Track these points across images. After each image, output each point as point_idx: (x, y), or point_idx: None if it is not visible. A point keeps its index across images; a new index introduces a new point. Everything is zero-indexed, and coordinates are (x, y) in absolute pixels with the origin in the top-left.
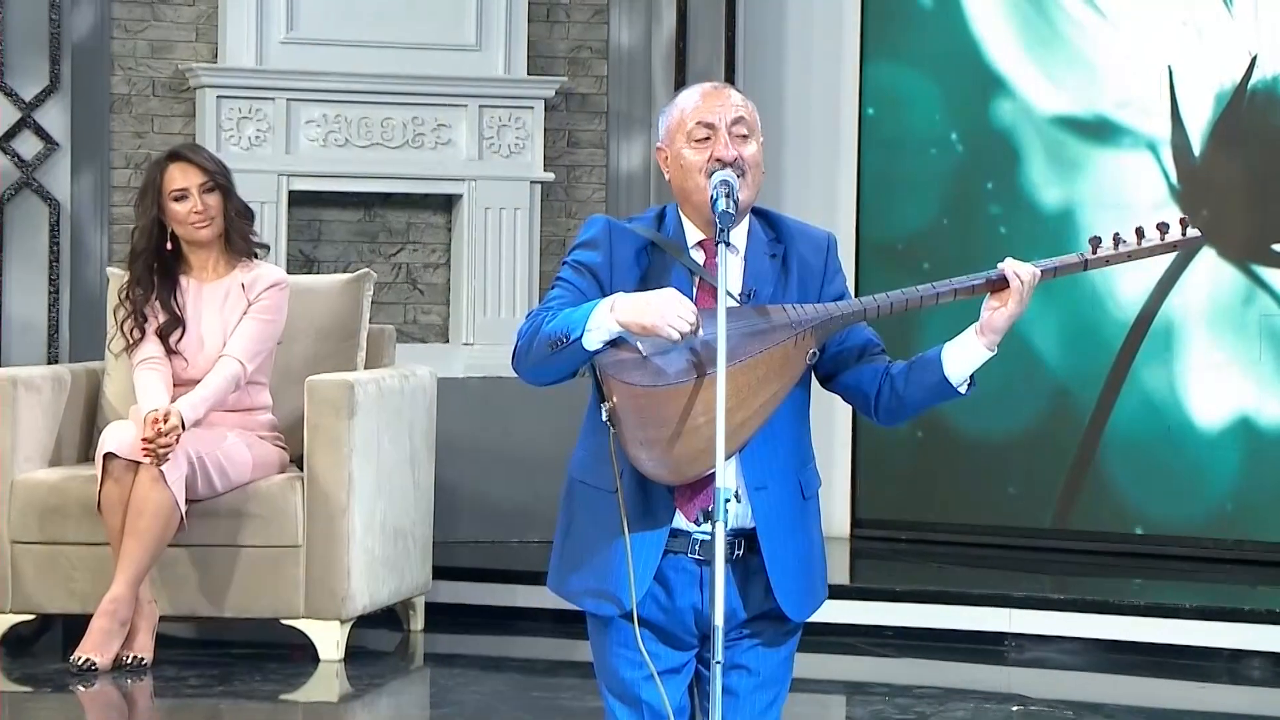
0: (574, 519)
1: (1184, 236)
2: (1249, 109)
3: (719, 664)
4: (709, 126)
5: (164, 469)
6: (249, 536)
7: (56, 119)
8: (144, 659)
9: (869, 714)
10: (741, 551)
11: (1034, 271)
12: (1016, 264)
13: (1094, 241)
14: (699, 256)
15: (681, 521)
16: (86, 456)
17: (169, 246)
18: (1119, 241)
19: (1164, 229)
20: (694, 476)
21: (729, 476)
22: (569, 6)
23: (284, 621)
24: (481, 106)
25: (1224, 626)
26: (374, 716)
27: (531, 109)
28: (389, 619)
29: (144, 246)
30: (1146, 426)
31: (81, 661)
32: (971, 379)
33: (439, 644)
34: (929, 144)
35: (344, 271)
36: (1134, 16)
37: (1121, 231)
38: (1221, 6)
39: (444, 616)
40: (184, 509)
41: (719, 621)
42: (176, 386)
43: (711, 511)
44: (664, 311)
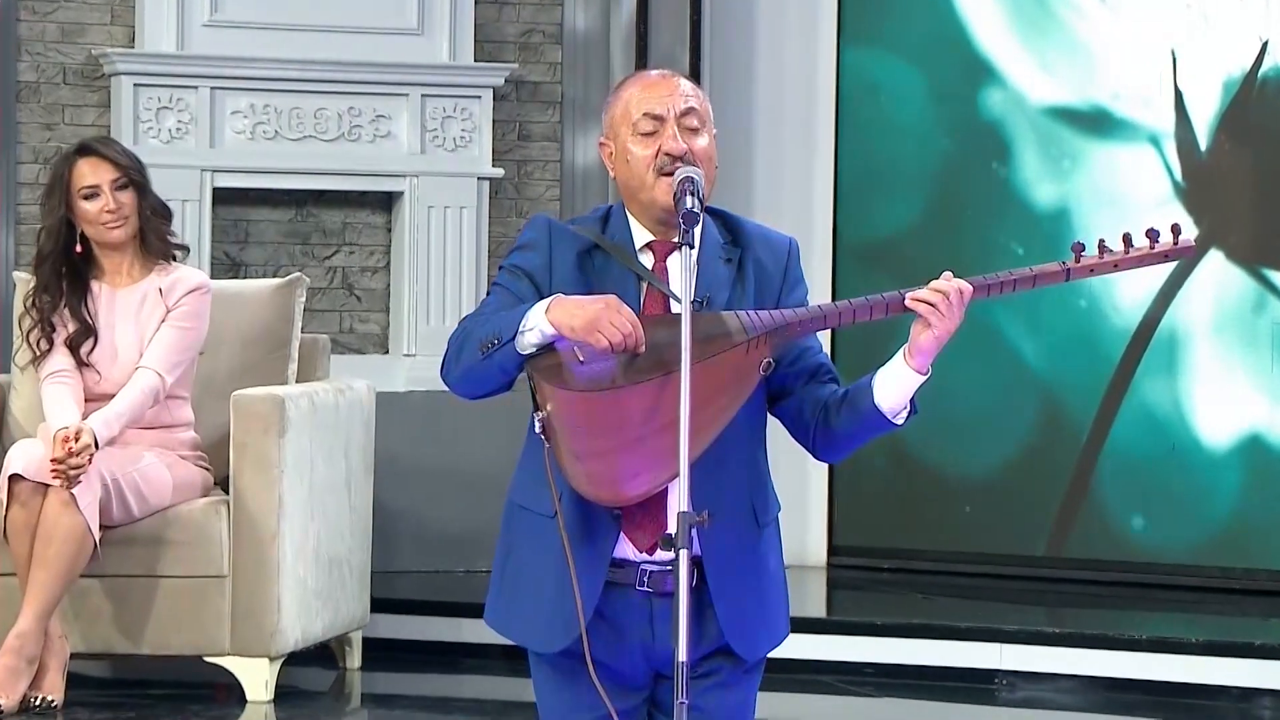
0: (513, 547)
1: (1176, 245)
2: (1259, 99)
3: (683, 704)
4: (656, 118)
5: (75, 492)
6: (169, 566)
7: None
8: (53, 700)
9: None
10: (694, 582)
11: (956, 287)
12: (944, 281)
13: (1077, 249)
14: (648, 260)
15: (627, 550)
16: None
17: (79, 249)
18: (1104, 249)
19: (1154, 236)
20: (635, 497)
21: (673, 503)
22: None
23: (207, 659)
24: (424, 96)
25: (1233, 663)
26: None
27: (479, 99)
28: (323, 656)
29: (51, 249)
30: (1148, 445)
31: None
32: (912, 407)
33: (377, 683)
34: (912, 137)
35: (273, 276)
36: None
37: (1110, 237)
38: None
39: (383, 653)
40: (97, 536)
41: (683, 656)
42: (88, 402)
43: (673, 537)
44: (599, 318)
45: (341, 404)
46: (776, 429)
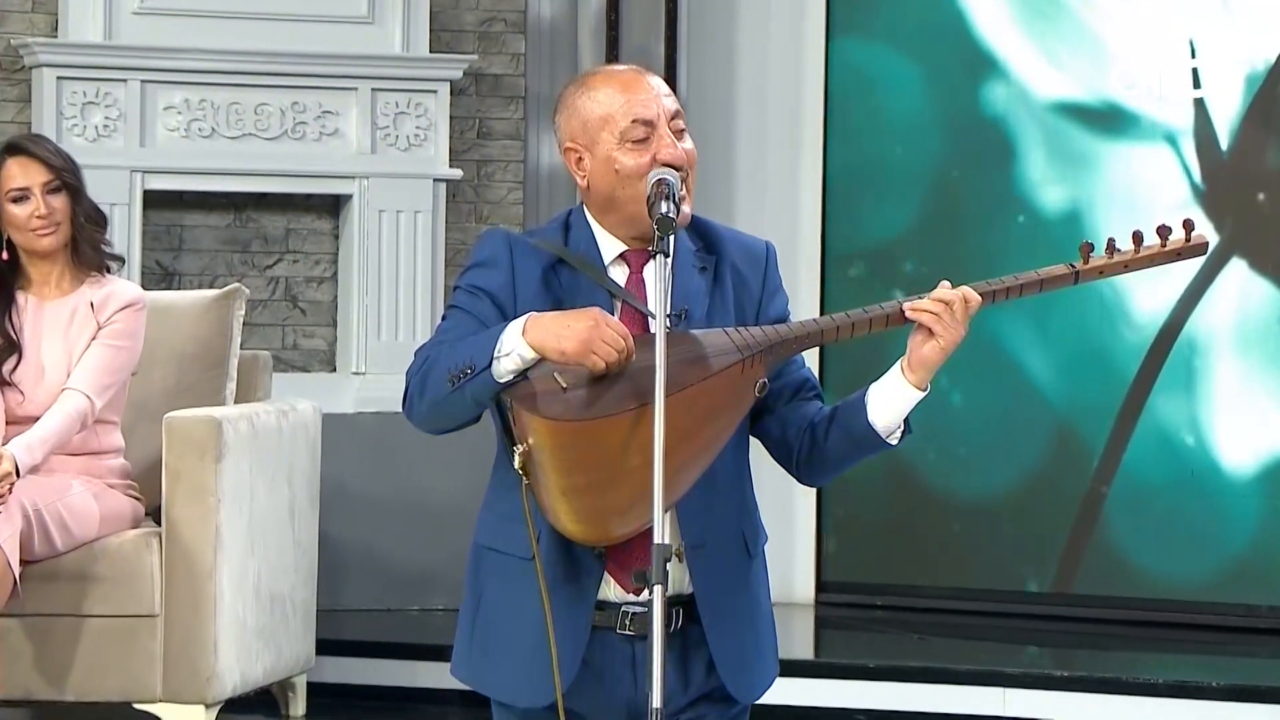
0: (484, 594)
1: (1188, 242)
2: None
3: None
4: (648, 124)
5: None
6: (96, 604)
7: None
8: None
9: None
10: (680, 623)
11: (961, 296)
12: (947, 289)
13: (1085, 249)
14: (621, 273)
15: (611, 591)
16: None
17: (4, 256)
18: (1113, 249)
19: (1165, 233)
20: (623, 535)
21: (664, 533)
22: None
23: (137, 706)
24: (375, 90)
25: (1258, 709)
26: None
27: (434, 93)
28: (264, 702)
29: None
30: (1164, 470)
31: None
32: (907, 425)
33: None
34: (907, 135)
35: (210, 287)
36: None
37: (1121, 238)
38: None
39: (330, 699)
40: (18, 571)
41: (658, 703)
42: (10, 425)
43: (648, 574)
44: (589, 335)
45: (284, 427)
46: (756, 450)
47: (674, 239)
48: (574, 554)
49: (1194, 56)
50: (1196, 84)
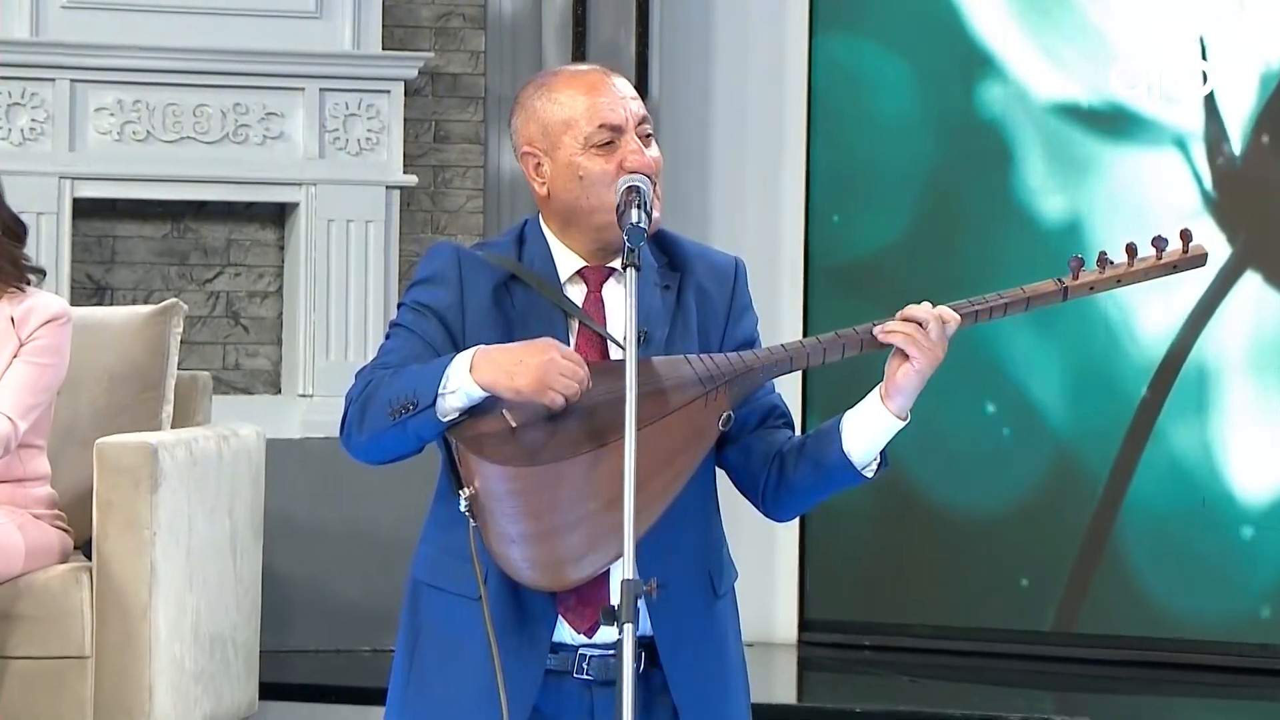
0: (420, 635)
1: (1185, 254)
2: None
3: None
4: (614, 129)
5: None
6: (21, 644)
7: None
8: None
9: None
10: (641, 666)
11: (936, 315)
12: (921, 308)
13: (1075, 264)
14: (579, 291)
15: (564, 633)
16: None
17: None
18: (1105, 263)
19: (1160, 245)
20: (577, 580)
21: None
22: None
23: None
24: (323, 90)
25: None
26: None
27: (387, 93)
28: None
29: None
30: (1175, 500)
31: None
32: (883, 458)
33: None
34: (897, 139)
35: (145, 302)
36: None
37: (1115, 250)
38: None
39: None
40: None
41: None
42: None
43: (617, 610)
44: (544, 371)
45: (225, 453)
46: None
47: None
48: (522, 594)
49: (1204, 54)
50: (1207, 83)
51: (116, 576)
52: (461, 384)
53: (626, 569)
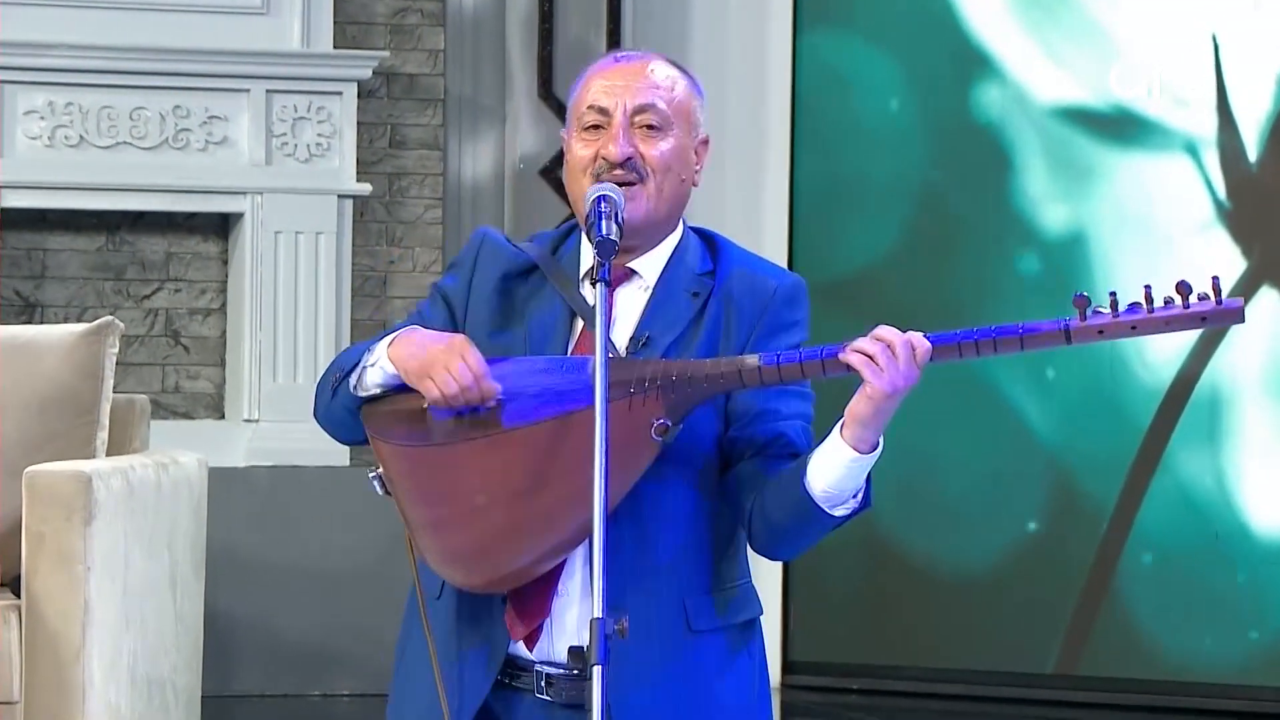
0: (408, 633)
1: (1219, 306)
2: None
3: None
4: (603, 112)
5: None
6: None
7: None
8: None
9: None
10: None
11: (904, 339)
12: (888, 329)
13: (1080, 302)
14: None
15: (522, 647)
16: None
17: None
18: (1117, 306)
19: (1185, 291)
20: (487, 584)
21: (573, 589)
22: None
23: None
24: (270, 92)
25: None
26: None
27: (339, 95)
28: None
29: None
30: (1185, 534)
31: None
32: (864, 498)
33: None
34: (888, 144)
35: (78, 320)
36: None
37: (1134, 274)
38: None
39: None
40: None
41: None
42: None
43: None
44: (432, 362)
45: (165, 483)
46: None
47: (663, 253)
48: (477, 596)
49: (1217, 54)
50: (1220, 86)
51: (47, 616)
52: (379, 358)
53: (597, 606)
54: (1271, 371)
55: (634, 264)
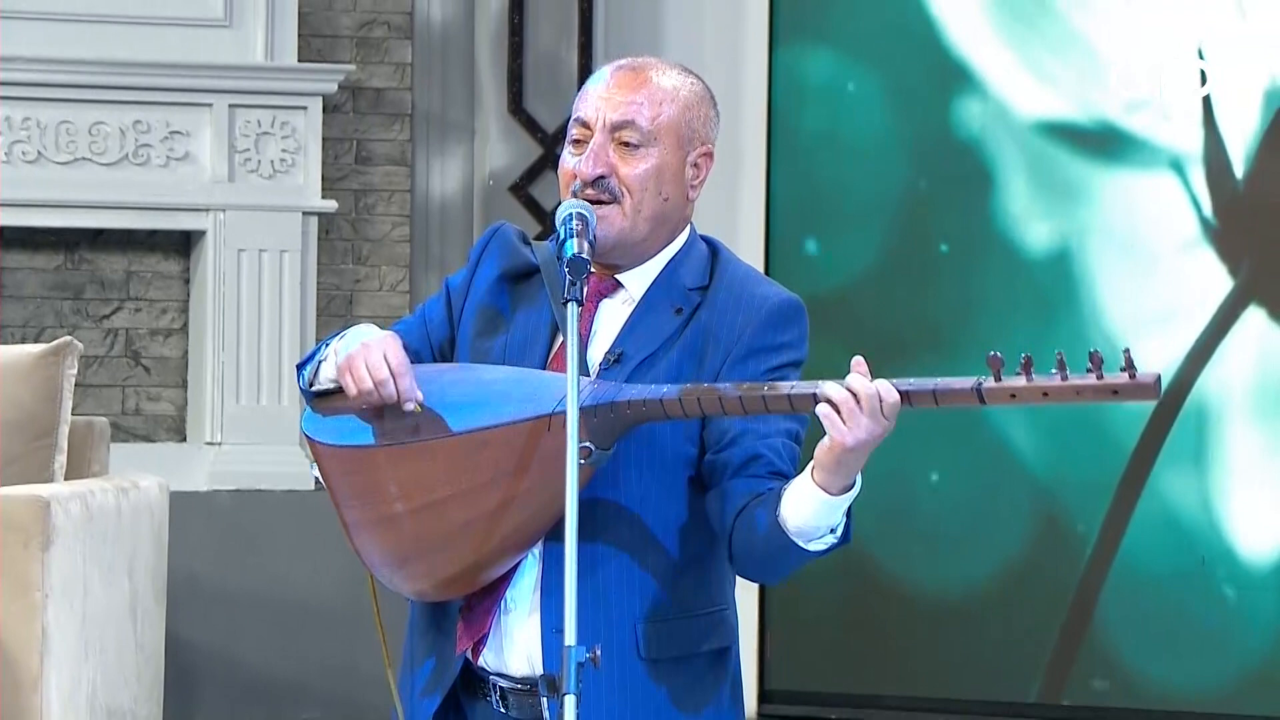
0: (412, 625)
1: (1132, 379)
2: None
3: None
4: (585, 125)
5: None
6: None
7: None
8: None
9: None
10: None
11: (874, 391)
12: (861, 377)
13: (994, 363)
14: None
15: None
16: None
17: None
18: (1030, 371)
19: (1098, 363)
20: (423, 589)
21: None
22: None
23: None
24: (233, 106)
25: None
26: None
27: (304, 110)
28: None
29: None
30: (1170, 559)
31: None
32: (845, 533)
33: None
34: (866, 160)
35: (36, 340)
36: None
37: (1038, 358)
38: None
39: None
40: None
41: None
42: None
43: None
44: (354, 357)
45: (125, 508)
46: None
47: (654, 268)
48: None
49: (1204, 71)
50: (1206, 100)
51: (4, 643)
52: (330, 352)
53: (569, 634)
54: (1259, 391)
55: (622, 277)
